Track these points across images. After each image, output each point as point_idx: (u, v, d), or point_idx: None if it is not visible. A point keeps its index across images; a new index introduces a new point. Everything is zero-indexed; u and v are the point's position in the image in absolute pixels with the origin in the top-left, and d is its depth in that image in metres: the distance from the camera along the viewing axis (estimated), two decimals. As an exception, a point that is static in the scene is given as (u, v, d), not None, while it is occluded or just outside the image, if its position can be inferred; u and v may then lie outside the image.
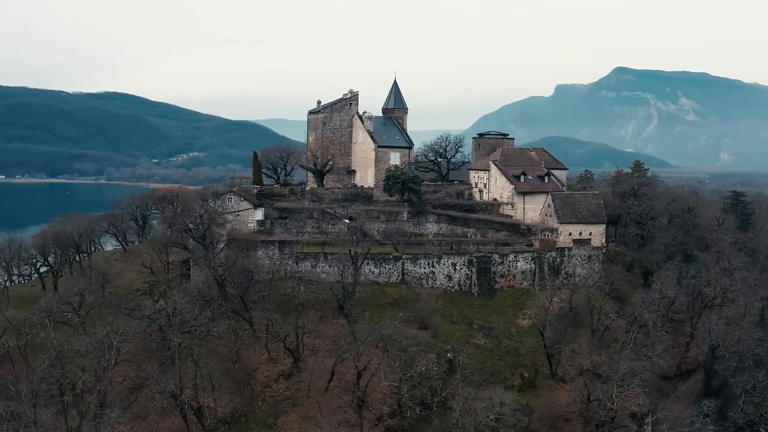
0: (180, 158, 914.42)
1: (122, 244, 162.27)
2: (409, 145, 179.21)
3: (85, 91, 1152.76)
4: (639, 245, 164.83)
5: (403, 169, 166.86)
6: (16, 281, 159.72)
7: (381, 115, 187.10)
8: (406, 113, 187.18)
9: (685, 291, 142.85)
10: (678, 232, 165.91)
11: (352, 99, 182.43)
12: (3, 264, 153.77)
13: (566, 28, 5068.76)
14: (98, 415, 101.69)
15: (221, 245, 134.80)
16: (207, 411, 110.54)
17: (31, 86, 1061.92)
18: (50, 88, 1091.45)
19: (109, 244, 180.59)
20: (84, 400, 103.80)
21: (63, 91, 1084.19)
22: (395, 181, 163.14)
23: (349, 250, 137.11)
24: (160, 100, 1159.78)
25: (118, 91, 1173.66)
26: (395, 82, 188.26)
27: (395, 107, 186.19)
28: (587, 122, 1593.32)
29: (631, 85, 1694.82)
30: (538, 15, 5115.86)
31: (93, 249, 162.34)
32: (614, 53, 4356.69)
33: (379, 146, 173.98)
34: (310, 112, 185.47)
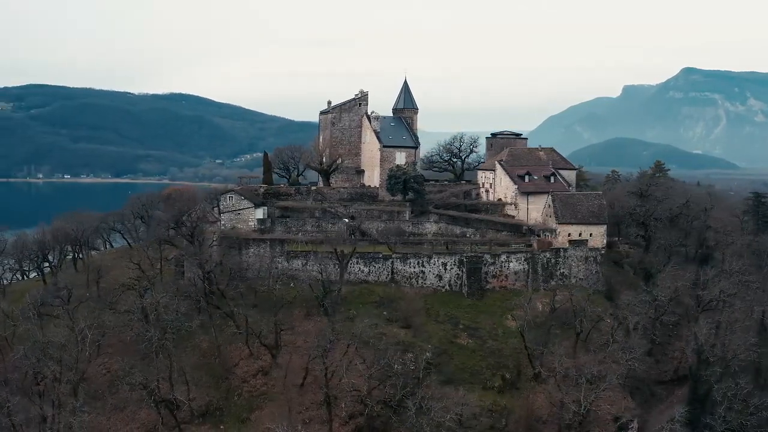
0: (243, 158, 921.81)
1: (128, 242, 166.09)
2: (415, 145, 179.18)
3: (151, 92, 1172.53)
4: (645, 247, 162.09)
5: (404, 168, 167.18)
6: (28, 276, 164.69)
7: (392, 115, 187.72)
8: (416, 113, 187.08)
9: (683, 294, 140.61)
10: (680, 233, 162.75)
11: (361, 99, 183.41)
12: (17, 259, 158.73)
13: (634, 27, 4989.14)
14: (65, 404, 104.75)
15: (209, 243, 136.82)
16: (178, 404, 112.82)
17: (97, 87, 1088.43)
18: (116, 90, 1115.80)
19: (118, 242, 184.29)
20: (55, 390, 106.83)
21: (129, 92, 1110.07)
22: (396, 181, 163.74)
23: (335, 249, 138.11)
24: (225, 101, 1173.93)
25: (183, 92, 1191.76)
26: (405, 82, 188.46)
27: (405, 107, 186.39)
28: (655, 123, 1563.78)
29: (699, 86, 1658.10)
30: (605, 15, 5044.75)
31: (91, 246, 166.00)
32: (682, 53, 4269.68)
33: (384, 146, 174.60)
34: (321, 113, 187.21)
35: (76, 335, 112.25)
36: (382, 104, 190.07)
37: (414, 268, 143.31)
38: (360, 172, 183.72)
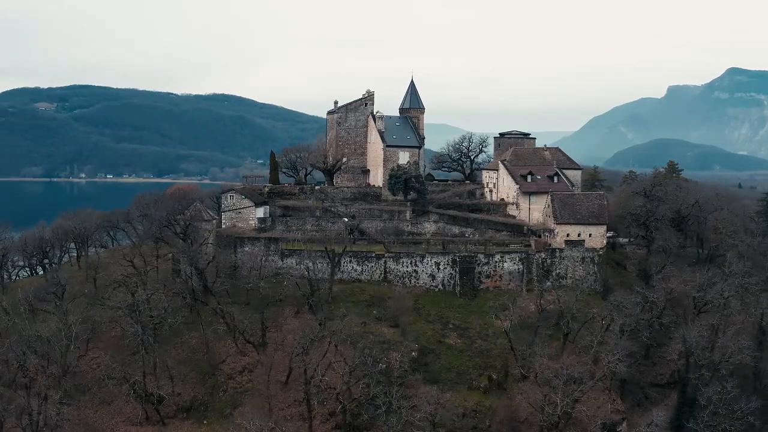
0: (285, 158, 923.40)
1: (132, 240, 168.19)
2: (419, 145, 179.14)
3: (194, 92, 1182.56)
4: (648, 248, 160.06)
5: (405, 168, 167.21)
6: (37, 272, 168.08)
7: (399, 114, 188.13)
8: (422, 113, 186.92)
9: (682, 295, 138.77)
10: (684, 234, 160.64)
11: (367, 99, 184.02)
12: (26, 256, 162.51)
13: (678, 28, 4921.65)
14: (49, 397, 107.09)
15: (202, 240, 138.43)
16: (158, 398, 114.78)
17: (141, 88, 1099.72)
18: (159, 90, 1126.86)
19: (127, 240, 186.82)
20: (37, 382, 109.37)
21: (171, 93, 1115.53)
22: (397, 180, 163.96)
23: (325, 248, 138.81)
24: (267, 102, 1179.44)
25: (226, 92, 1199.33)
26: (412, 82, 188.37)
27: (411, 107, 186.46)
28: (699, 124, 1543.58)
29: (744, 86, 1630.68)
30: (648, 15, 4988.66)
31: (99, 244, 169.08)
32: (727, 53, 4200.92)
33: (387, 146, 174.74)
34: (328, 113, 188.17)
35: (61, 330, 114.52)
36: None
37: (407, 267, 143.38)
38: (366, 172, 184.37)
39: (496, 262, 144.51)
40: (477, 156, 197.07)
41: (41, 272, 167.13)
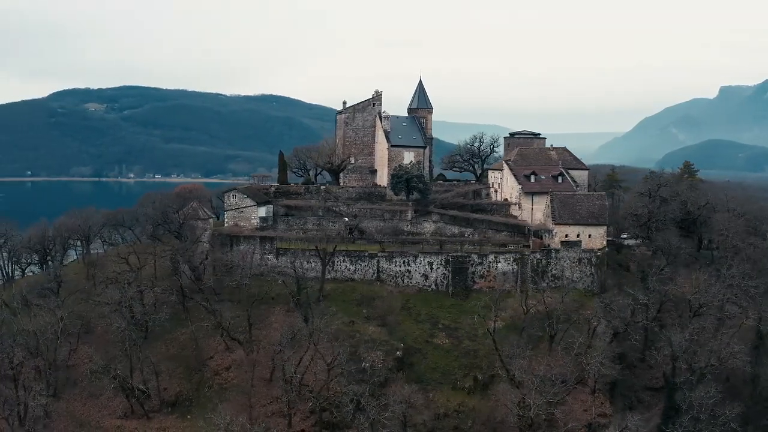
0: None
1: (138, 239, 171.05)
2: (425, 145, 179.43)
3: (242, 93, 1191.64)
4: (652, 249, 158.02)
5: (407, 167, 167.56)
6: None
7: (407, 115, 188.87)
8: (430, 113, 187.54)
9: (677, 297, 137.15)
10: (688, 235, 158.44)
11: (375, 99, 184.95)
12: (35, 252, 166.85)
13: (730, 27, 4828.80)
14: (28, 388, 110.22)
15: (195, 238, 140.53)
16: (140, 392, 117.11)
17: (190, 89, 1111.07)
18: (208, 91, 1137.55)
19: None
20: (22, 375, 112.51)
21: (220, 94, 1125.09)
22: (398, 180, 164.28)
23: (316, 246, 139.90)
24: (315, 102, 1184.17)
25: (274, 93, 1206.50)
26: (420, 82, 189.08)
27: (419, 107, 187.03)
28: (752, 125, 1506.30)
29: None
30: (702, 16, 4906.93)
31: (109, 242, 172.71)
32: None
33: (392, 146, 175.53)
34: (338, 113, 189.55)
35: (48, 324, 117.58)
36: (448, 101, 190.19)
37: (400, 267, 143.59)
38: (374, 172, 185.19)
39: (490, 262, 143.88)
40: (489, 156, 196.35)
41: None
